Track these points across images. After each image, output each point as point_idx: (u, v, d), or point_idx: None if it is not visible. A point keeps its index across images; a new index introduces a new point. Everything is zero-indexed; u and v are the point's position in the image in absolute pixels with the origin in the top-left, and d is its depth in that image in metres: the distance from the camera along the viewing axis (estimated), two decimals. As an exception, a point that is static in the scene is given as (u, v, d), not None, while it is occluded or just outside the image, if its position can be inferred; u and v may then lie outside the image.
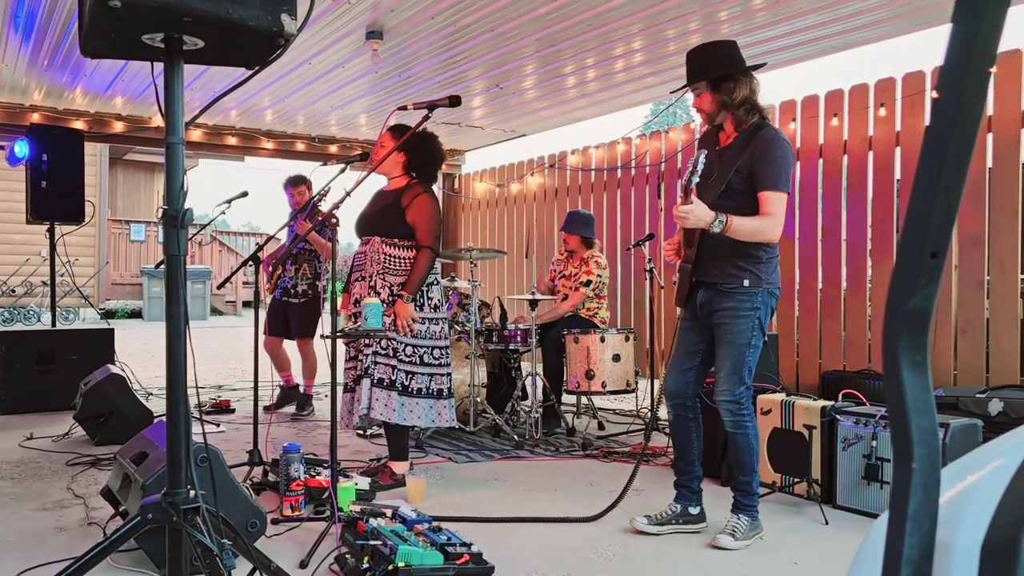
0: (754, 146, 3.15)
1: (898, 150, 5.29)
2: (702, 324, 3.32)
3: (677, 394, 3.38)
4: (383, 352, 3.98)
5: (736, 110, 3.22)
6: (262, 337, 5.18)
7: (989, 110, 4.83)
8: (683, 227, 3.22)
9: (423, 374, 4.06)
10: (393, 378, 3.96)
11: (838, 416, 3.76)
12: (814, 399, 4.03)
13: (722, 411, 3.25)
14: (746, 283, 3.17)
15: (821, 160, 5.74)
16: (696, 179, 3.09)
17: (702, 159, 3.10)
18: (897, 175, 5.34)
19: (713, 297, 3.25)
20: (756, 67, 3.28)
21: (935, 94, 0.60)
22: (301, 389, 6.39)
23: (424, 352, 4.06)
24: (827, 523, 3.48)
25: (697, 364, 3.36)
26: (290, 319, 6.21)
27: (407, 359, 4.01)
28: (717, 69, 3.22)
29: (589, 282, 5.78)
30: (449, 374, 4.18)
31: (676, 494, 3.43)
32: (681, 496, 3.41)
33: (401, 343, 3.99)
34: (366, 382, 3.96)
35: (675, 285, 3.45)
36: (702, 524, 3.40)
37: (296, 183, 6.26)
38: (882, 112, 5.35)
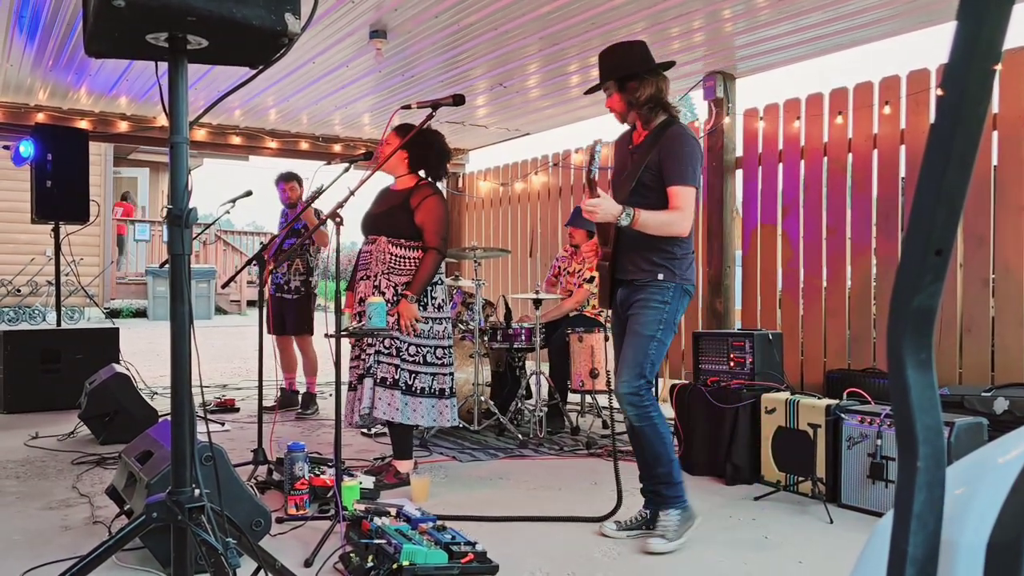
0: (662, 143, 3.19)
1: (903, 148, 5.27)
2: (624, 322, 3.30)
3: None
4: (386, 351, 3.98)
5: (641, 108, 3.26)
6: (269, 336, 5.20)
7: (994, 108, 4.81)
8: (593, 221, 3.20)
9: (426, 373, 4.06)
10: (396, 377, 3.96)
11: (843, 415, 3.76)
12: (819, 398, 4.03)
13: (623, 404, 3.20)
14: (660, 277, 3.17)
15: (826, 158, 5.73)
16: (595, 171, 3.10)
17: (599, 148, 3.13)
18: (902, 173, 5.33)
19: (629, 294, 3.26)
20: (663, 66, 3.31)
21: (940, 92, 0.60)
22: (304, 388, 6.41)
23: (427, 351, 4.07)
24: (832, 522, 3.48)
25: None
26: (285, 316, 6.22)
27: (411, 358, 4.01)
28: (622, 69, 3.26)
29: (592, 278, 5.78)
30: (452, 374, 4.18)
31: (645, 500, 3.36)
32: (650, 502, 3.34)
33: (405, 342, 4.00)
34: (368, 381, 3.96)
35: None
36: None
37: (288, 179, 6.33)
38: (887, 110, 5.33)
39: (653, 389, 3.23)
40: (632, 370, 3.16)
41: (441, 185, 4.36)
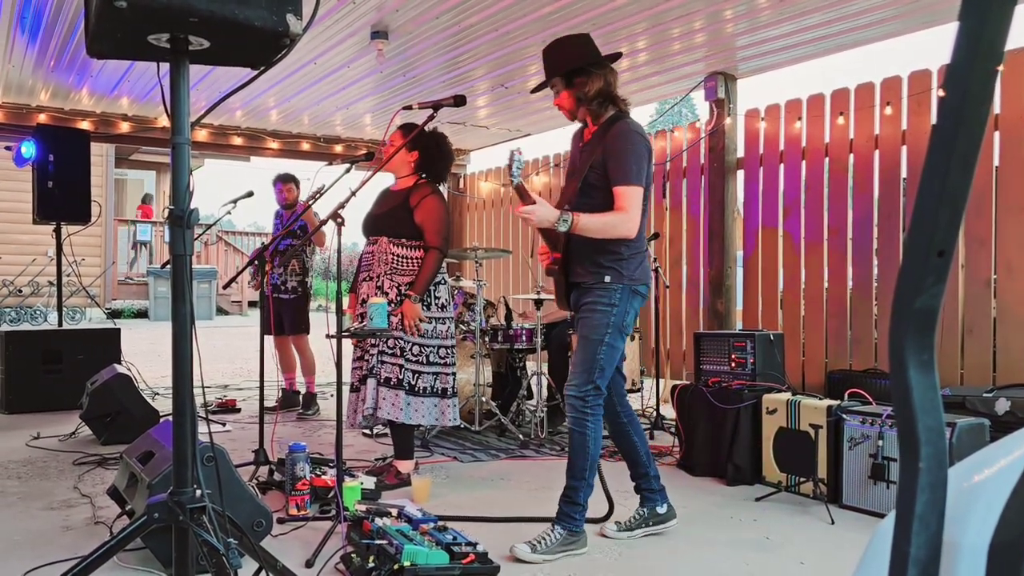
0: (606, 141, 3.10)
1: (904, 149, 5.27)
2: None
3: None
4: (390, 352, 3.98)
5: (590, 104, 3.16)
6: (269, 337, 5.21)
7: (996, 108, 4.81)
8: (534, 227, 3.13)
9: (429, 373, 4.06)
10: (400, 377, 3.97)
11: (844, 415, 3.75)
12: (820, 398, 4.02)
13: (566, 405, 3.14)
14: (607, 279, 3.09)
15: (827, 159, 5.72)
16: (517, 179, 2.99)
17: (517, 157, 2.99)
18: (903, 174, 5.32)
19: (580, 297, 3.18)
20: (611, 58, 3.21)
21: (942, 93, 0.60)
22: (304, 389, 6.41)
23: (430, 351, 4.07)
24: (833, 523, 3.48)
25: None
26: (282, 316, 6.23)
27: (414, 358, 4.02)
28: (568, 64, 3.16)
29: None
30: (454, 374, 4.18)
31: (640, 499, 3.36)
32: (645, 500, 3.34)
33: (408, 342, 4.00)
34: (371, 382, 3.96)
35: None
36: (673, 521, 3.35)
37: (285, 180, 6.36)
38: (888, 111, 5.33)
39: (602, 396, 3.12)
40: (581, 375, 3.08)
41: (442, 186, 4.36)
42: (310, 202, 3.64)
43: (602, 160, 3.10)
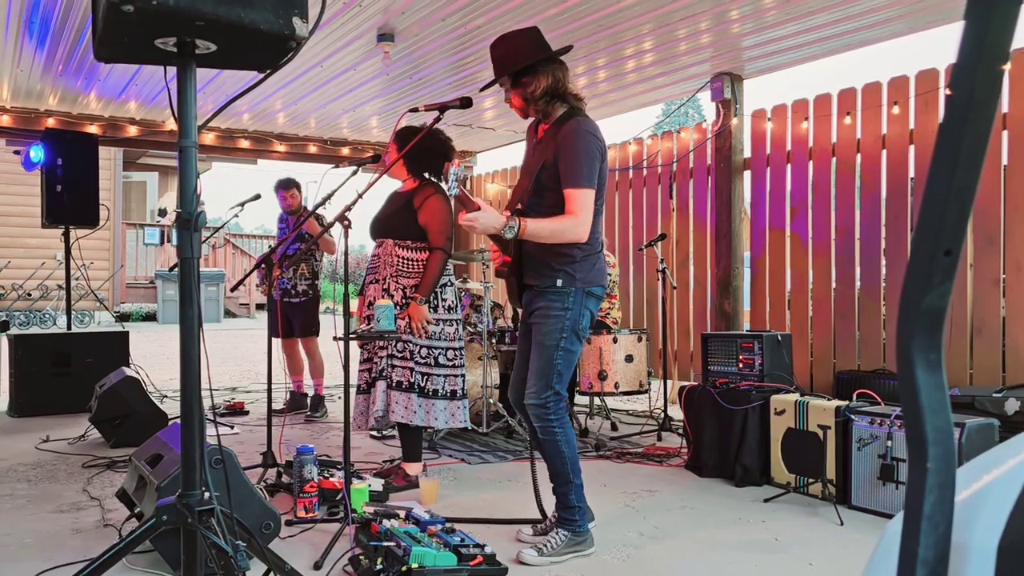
0: (558, 140, 3.00)
1: (912, 148, 5.26)
2: (529, 328, 3.18)
3: (518, 403, 3.24)
4: (399, 355, 3.99)
5: (537, 103, 3.08)
6: (277, 340, 5.22)
7: (1003, 107, 4.79)
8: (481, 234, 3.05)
9: (439, 375, 4.07)
10: (411, 380, 3.98)
11: (853, 416, 3.74)
12: (828, 399, 4.01)
13: (531, 415, 3.09)
14: (559, 283, 3.02)
15: (834, 159, 5.71)
16: (454, 190, 2.90)
17: (454, 171, 2.90)
18: (911, 173, 5.31)
19: (532, 299, 3.12)
20: (558, 52, 3.09)
21: (949, 92, 0.60)
22: (312, 392, 6.43)
23: (439, 353, 4.07)
24: (842, 523, 3.46)
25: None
26: (292, 319, 6.26)
27: (423, 360, 4.02)
28: (514, 63, 3.05)
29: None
30: (463, 375, 4.18)
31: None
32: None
33: (416, 345, 4.01)
34: (381, 384, 3.97)
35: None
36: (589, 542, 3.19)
37: (287, 186, 6.37)
38: (895, 110, 5.31)
39: (564, 401, 3.09)
40: (539, 382, 3.04)
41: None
42: (312, 211, 3.65)
43: (554, 160, 3.00)
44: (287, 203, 6.34)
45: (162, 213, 20.22)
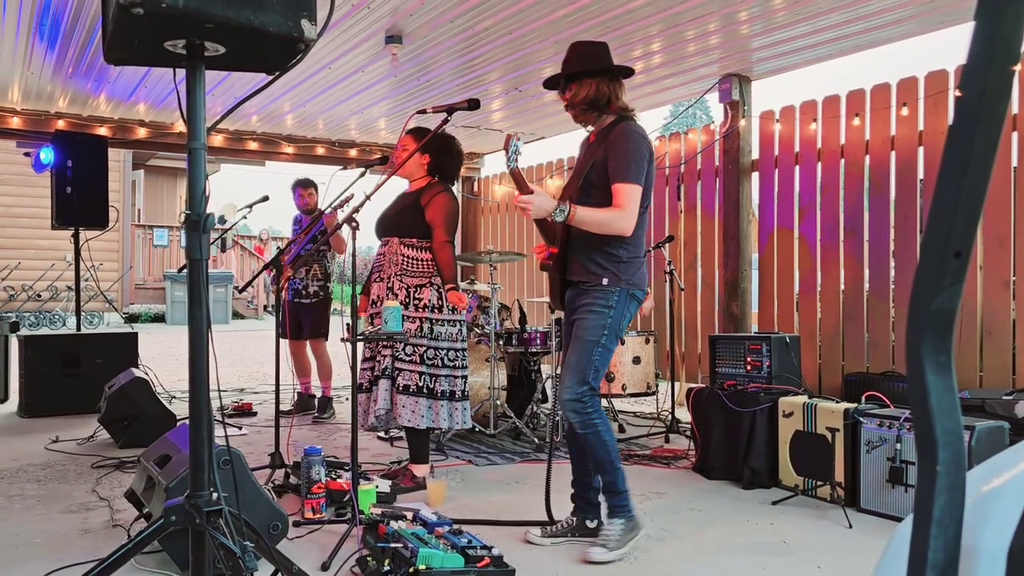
0: (608, 140, 3.14)
1: (921, 150, 5.23)
2: (572, 327, 3.24)
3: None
4: (407, 357, 3.99)
5: (575, 108, 3.23)
6: (284, 341, 5.24)
7: (1014, 108, 4.77)
8: (530, 219, 3.17)
9: (443, 376, 4.08)
10: (420, 384, 3.98)
11: (861, 418, 3.73)
12: (837, 401, 4.00)
13: (567, 411, 3.15)
14: (605, 282, 3.10)
15: (843, 160, 5.69)
16: (513, 164, 3.06)
17: (515, 143, 3.05)
18: (920, 175, 5.29)
19: (575, 296, 3.20)
20: (614, 70, 3.22)
21: (958, 93, 0.59)
22: (319, 393, 6.44)
23: (443, 354, 4.08)
24: (851, 527, 3.45)
25: None
26: (302, 320, 6.27)
27: (429, 362, 4.03)
28: (566, 68, 3.25)
29: None
30: (465, 377, 4.19)
31: (573, 507, 3.33)
32: (578, 509, 3.31)
33: (422, 346, 4.01)
34: (384, 383, 3.97)
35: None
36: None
37: (305, 185, 6.40)
38: (904, 112, 5.29)
39: (598, 396, 3.15)
40: (575, 376, 3.10)
41: (456, 186, 4.38)
42: (337, 211, 3.66)
43: (603, 159, 3.13)
44: (304, 202, 6.36)
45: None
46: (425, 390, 4.00)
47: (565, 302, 3.28)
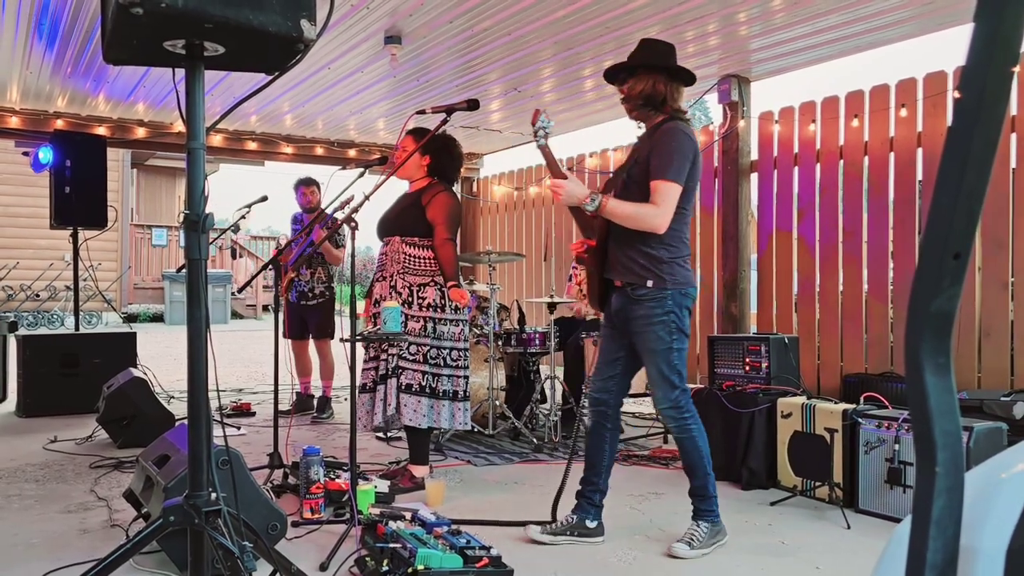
0: (654, 138, 3.16)
1: (920, 151, 5.24)
2: (620, 331, 3.25)
3: (597, 402, 3.34)
4: (411, 357, 3.99)
5: (630, 102, 3.24)
6: (284, 340, 5.23)
7: (1013, 110, 4.77)
8: (561, 204, 3.22)
9: (446, 376, 4.08)
10: (423, 383, 3.99)
11: (860, 419, 3.73)
12: (835, 402, 4.00)
13: (664, 418, 3.23)
14: (649, 283, 3.10)
15: (842, 161, 5.69)
16: (542, 141, 3.17)
17: (542, 117, 3.14)
18: (919, 176, 5.29)
19: (625, 305, 3.18)
20: (677, 70, 3.23)
21: (957, 94, 0.59)
22: (320, 392, 6.45)
23: (446, 353, 4.08)
24: (849, 527, 3.45)
25: (618, 373, 3.31)
26: (307, 321, 6.29)
27: (432, 361, 4.03)
28: (631, 62, 3.26)
29: None
30: (467, 377, 4.19)
31: (575, 504, 3.35)
32: (580, 508, 3.33)
33: (424, 346, 4.01)
34: (392, 382, 3.97)
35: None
36: (598, 538, 3.28)
37: (308, 183, 6.41)
38: (903, 113, 5.30)
39: (689, 394, 3.21)
40: (663, 386, 3.15)
41: (456, 187, 4.39)
42: (329, 226, 3.66)
43: (646, 156, 3.14)
44: (306, 199, 6.36)
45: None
46: (428, 389, 4.01)
47: (612, 308, 3.26)
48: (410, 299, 4.03)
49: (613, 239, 3.18)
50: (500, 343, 5.62)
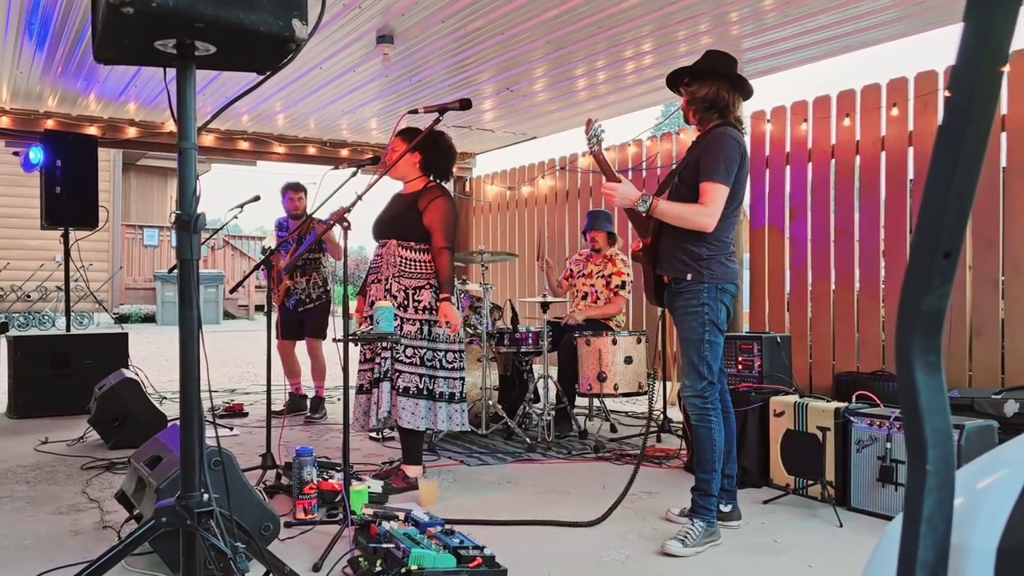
0: (704, 142, 3.30)
1: (911, 150, 5.26)
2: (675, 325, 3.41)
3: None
4: (407, 360, 3.98)
5: (695, 105, 3.35)
6: (275, 341, 5.22)
7: (1003, 109, 4.79)
8: (617, 207, 3.35)
9: (442, 378, 4.07)
10: (420, 386, 3.98)
11: (852, 418, 3.74)
12: (827, 401, 4.01)
13: (688, 407, 3.32)
14: (689, 277, 3.25)
15: (833, 161, 5.71)
16: (595, 147, 3.29)
17: (595, 127, 3.28)
18: (910, 175, 5.31)
19: (672, 297, 3.35)
20: (736, 78, 3.35)
21: (948, 94, 0.60)
22: (312, 394, 6.45)
23: (441, 355, 4.08)
24: (841, 525, 3.46)
25: None
26: (304, 322, 6.31)
27: (428, 363, 4.03)
28: (694, 67, 3.37)
29: (623, 283, 5.84)
30: (463, 378, 4.18)
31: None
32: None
33: (420, 348, 4.00)
34: (386, 385, 3.96)
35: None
36: (736, 523, 3.43)
37: (297, 188, 6.40)
38: (894, 112, 5.32)
39: (715, 388, 3.28)
40: (691, 374, 3.26)
41: (448, 186, 4.37)
42: (329, 225, 3.65)
43: (696, 159, 3.27)
44: (294, 205, 6.34)
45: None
46: (425, 392, 4.00)
47: (667, 303, 3.42)
48: (405, 302, 4.02)
49: (664, 235, 3.33)
50: (493, 343, 5.62)
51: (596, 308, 5.90)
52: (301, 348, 6.42)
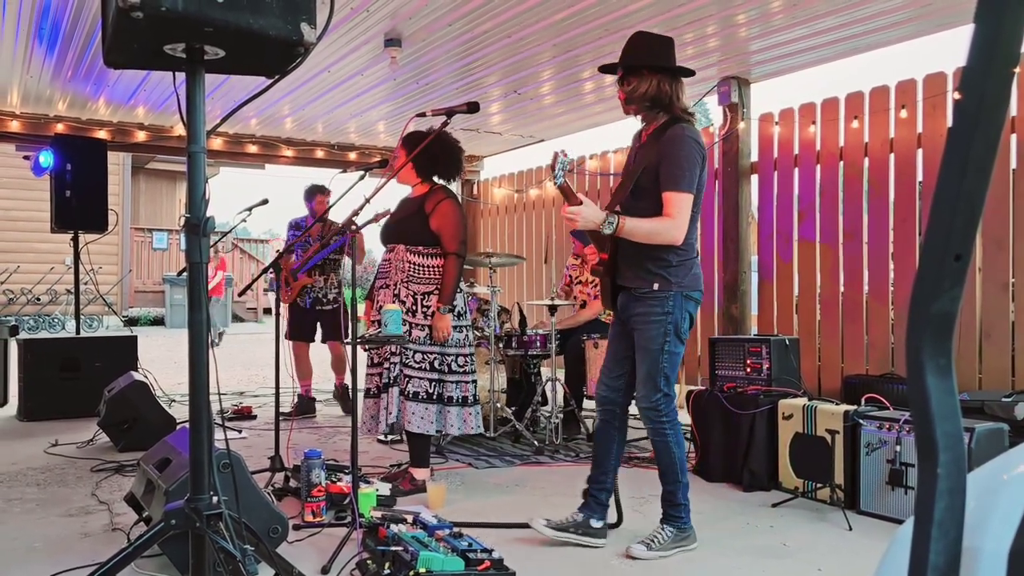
0: (661, 145, 3.11)
1: (920, 152, 5.23)
2: (626, 330, 3.25)
3: (606, 401, 3.34)
4: (416, 365, 3.98)
5: (635, 103, 3.18)
6: (287, 343, 5.25)
7: (1013, 111, 4.77)
8: (576, 228, 3.18)
9: (452, 382, 4.06)
10: (430, 391, 3.98)
11: (861, 421, 3.73)
12: (836, 403, 4.00)
13: (642, 418, 3.23)
14: (656, 287, 3.10)
15: (842, 163, 5.69)
16: (560, 179, 3.03)
17: (561, 158, 3.04)
18: (919, 177, 5.29)
19: (628, 302, 3.21)
20: (678, 70, 3.18)
21: (957, 96, 0.59)
22: (328, 389, 6.58)
23: (451, 360, 4.07)
24: (851, 529, 3.45)
25: (625, 372, 3.29)
26: (322, 324, 6.43)
27: (437, 368, 4.02)
28: (627, 60, 3.17)
29: None
30: (475, 381, 4.18)
31: (582, 503, 3.34)
32: (586, 506, 3.32)
33: (429, 353, 4.00)
34: (394, 391, 3.96)
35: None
36: (600, 540, 3.26)
37: (324, 191, 6.54)
38: (903, 114, 5.29)
39: (673, 400, 3.21)
40: (648, 385, 3.15)
41: (455, 186, 4.34)
42: (355, 224, 3.64)
43: (655, 164, 3.10)
44: (322, 207, 6.45)
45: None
46: (435, 396, 4.00)
47: (619, 307, 3.28)
48: (414, 307, 4.01)
49: (622, 247, 3.16)
50: (501, 345, 5.62)
51: (568, 319, 5.90)
52: (313, 351, 6.49)
